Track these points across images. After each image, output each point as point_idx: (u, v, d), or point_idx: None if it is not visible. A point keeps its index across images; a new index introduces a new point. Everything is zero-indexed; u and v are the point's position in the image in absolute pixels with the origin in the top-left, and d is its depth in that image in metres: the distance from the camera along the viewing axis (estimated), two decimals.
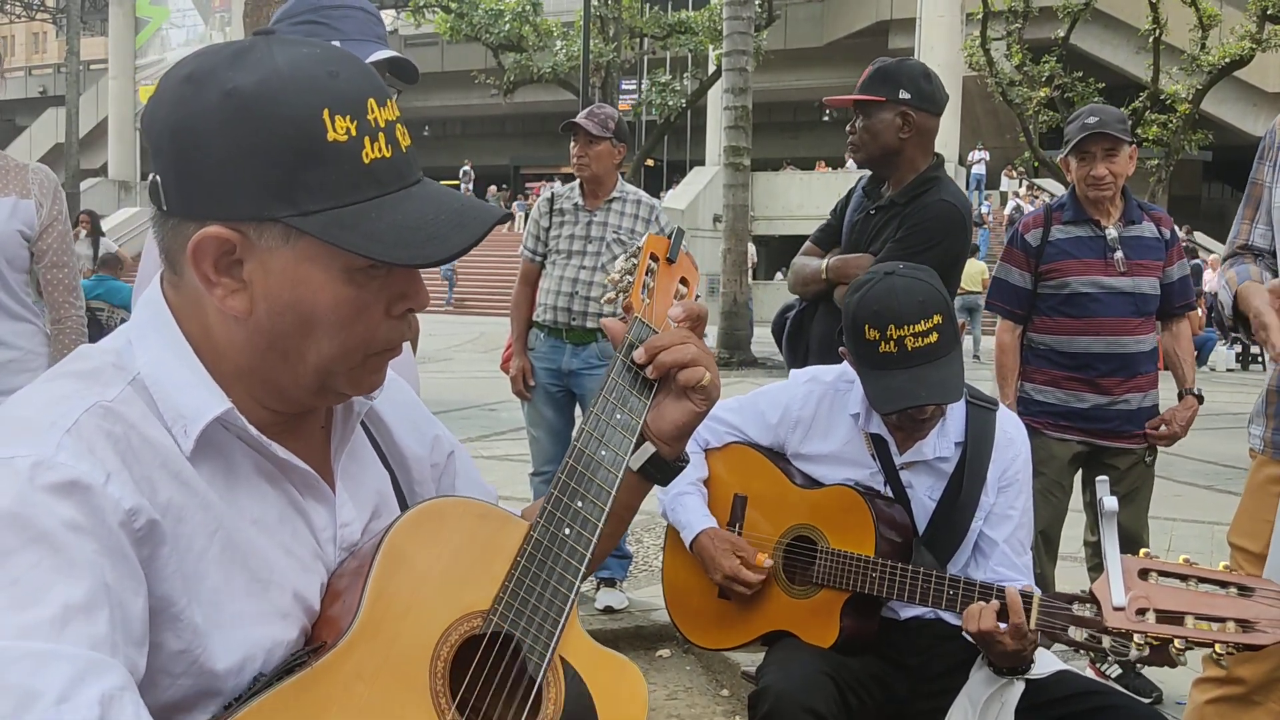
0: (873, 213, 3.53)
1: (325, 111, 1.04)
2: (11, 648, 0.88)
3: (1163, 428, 3.94)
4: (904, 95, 3.40)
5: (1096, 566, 4.12)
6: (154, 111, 1.08)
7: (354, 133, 1.05)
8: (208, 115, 1.03)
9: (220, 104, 1.03)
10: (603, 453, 1.30)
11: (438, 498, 1.23)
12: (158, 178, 1.07)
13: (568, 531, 1.24)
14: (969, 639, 2.26)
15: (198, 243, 1.04)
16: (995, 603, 2.17)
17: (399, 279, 1.11)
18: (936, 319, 2.35)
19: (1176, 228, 4.14)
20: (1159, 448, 4.05)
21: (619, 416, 1.33)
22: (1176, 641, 1.85)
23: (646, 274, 1.46)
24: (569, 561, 1.22)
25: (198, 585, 1.04)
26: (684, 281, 1.52)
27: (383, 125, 1.08)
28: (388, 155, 1.08)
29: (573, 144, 4.64)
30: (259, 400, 1.13)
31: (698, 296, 1.54)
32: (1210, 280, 20.10)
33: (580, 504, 1.26)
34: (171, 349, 1.10)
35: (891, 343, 2.34)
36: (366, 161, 1.06)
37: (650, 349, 1.33)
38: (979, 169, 32.36)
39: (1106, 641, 1.97)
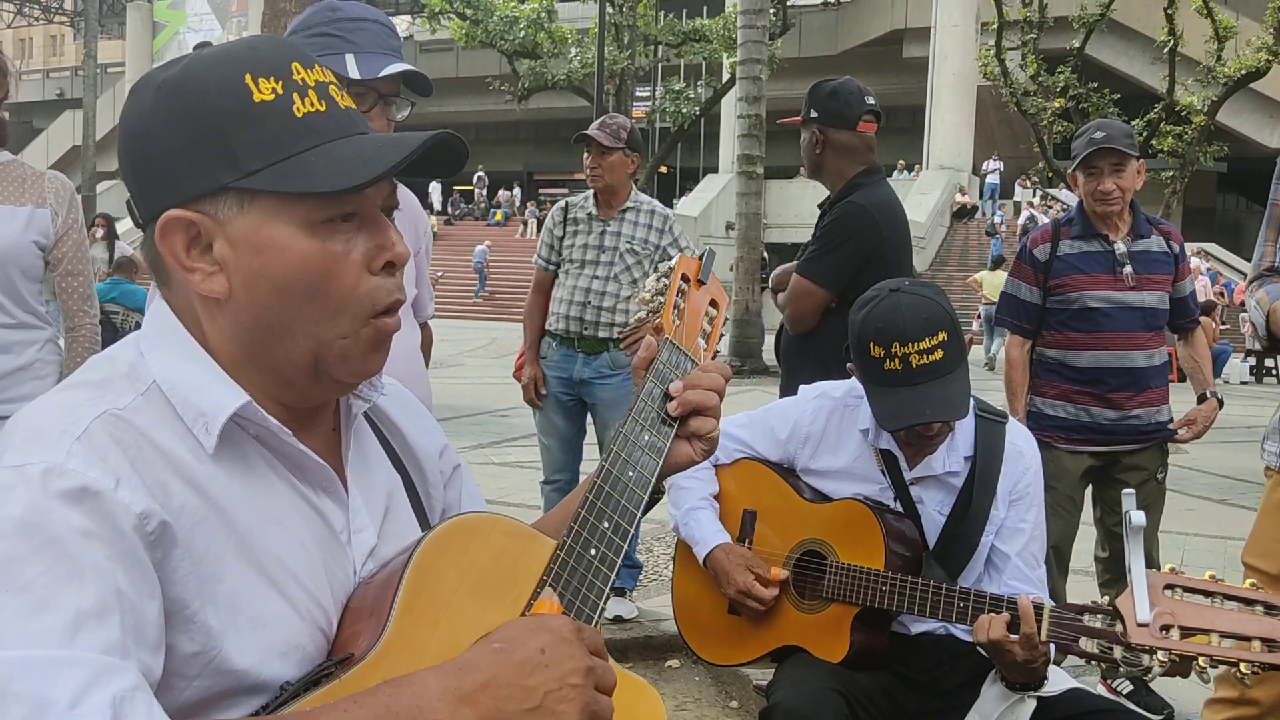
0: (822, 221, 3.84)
1: (247, 76, 1.08)
2: (24, 657, 0.89)
3: (1183, 430, 3.97)
4: (813, 115, 3.73)
5: (1108, 583, 4.11)
6: (118, 133, 1.14)
7: (280, 91, 1.09)
8: (145, 114, 1.10)
9: (154, 99, 1.10)
10: (630, 474, 1.30)
11: (467, 513, 1.23)
12: (128, 196, 1.12)
13: (594, 552, 1.23)
14: (980, 650, 2.25)
15: (161, 229, 1.08)
16: (1006, 613, 2.16)
17: (368, 230, 1.12)
18: (941, 336, 2.34)
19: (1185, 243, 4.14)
20: (1169, 463, 4.04)
21: (647, 438, 1.33)
22: (1201, 659, 1.84)
23: (677, 295, 1.46)
24: (594, 582, 1.22)
25: (213, 588, 1.05)
26: (713, 304, 1.52)
27: (312, 84, 1.11)
28: (321, 109, 1.11)
29: (586, 155, 4.65)
30: (268, 393, 1.14)
31: (726, 319, 1.54)
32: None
33: (607, 525, 1.26)
34: (183, 354, 1.12)
35: (896, 360, 2.34)
36: (299, 116, 1.09)
37: (687, 384, 1.36)
38: (993, 178, 32.34)
39: (1118, 652, 1.96)
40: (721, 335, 1.55)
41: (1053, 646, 2.12)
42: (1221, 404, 4.02)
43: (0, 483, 0.97)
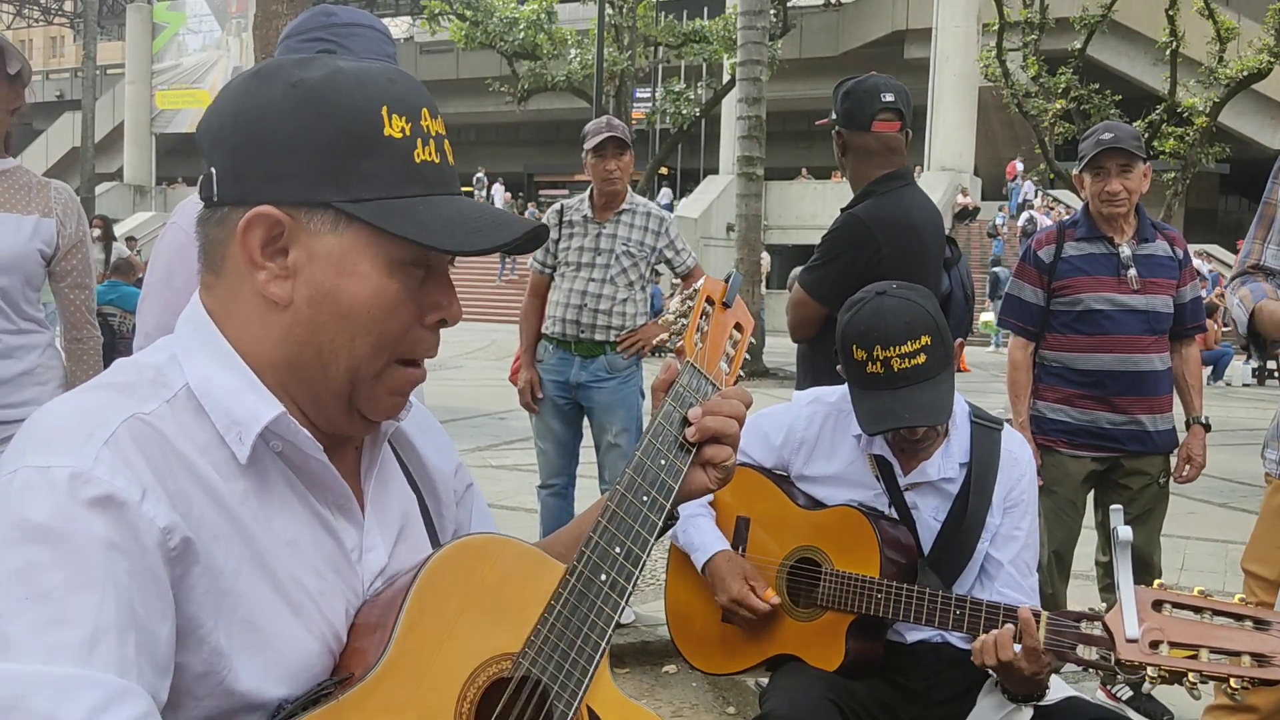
0: None
1: (384, 108, 1.09)
2: (39, 673, 0.88)
3: (1187, 469, 3.98)
4: (834, 117, 3.49)
5: (1108, 587, 4.09)
6: (216, 107, 1.12)
7: (408, 132, 1.10)
8: (273, 103, 1.08)
9: (286, 93, 1.08)
10: (644, 498, 1.27)
11: (476, 534, 1.21)
12: (212, 169, 1.11)
13: (604, 578, 1.21)
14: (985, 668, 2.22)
15: (250, 219, 1.07)
16: (1008, 629, 2.13)
17: (435, 286, 1.14)
18: (924, 340, 2.33)
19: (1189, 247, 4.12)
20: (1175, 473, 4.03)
21: (663, 462, 1.30)
22: (1191, 675, 1.82)
23: (701, 317, 1.44)
24: (603, 609, 1.19)
25: (228, 605, 1.03)
26: (738, 327, 1.50)
27: (433, 134, 1.13)
28: (436, 161, 1.12)
29: (596, 158, 4.55)
30: (301, 409, 1.13)
31: (752, 342, 1.52)
32: None
33: (619, 550, 1.23)
34: (219, 360, 1.10)
35: (878, 363, 2.34)
36: (417, 161, 1.10)
37: (707, 409, 1.33)
38: (1015, 182, 32.32)
39: (1114, 658, 1.93)
40: (747, 358, 1.52)
41: (1049, 654, 2.10)
42: (1208, 428, 4.01)
43: (24, 483, 0.95)
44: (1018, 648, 2.10)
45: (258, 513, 1.08)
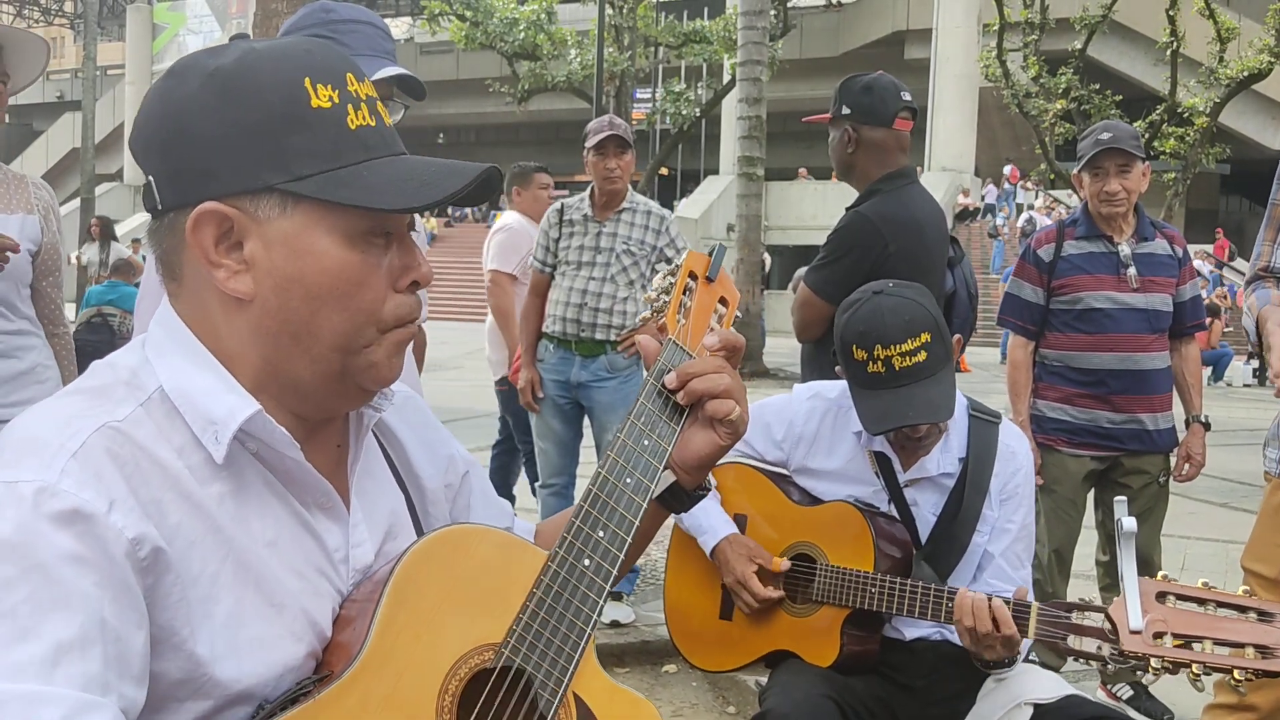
0: None
1: (307, 80, 1.06)
2: (3, 691, 0.87)
3: (1186, 468, 3.98)
4: (845, 111, 3.47)
5: (1108, 586, 4.09)
6: (141, 114, 1.10)
7: (336, 100, 1.07)
8: (192, 98, 1.05)
9: (203, 85, 1.05)
10: (628, 480, 1.25)
11: (454, 525, 1.19)
12: (150, 178, 1.08)
13: (587, 563, 1.19)
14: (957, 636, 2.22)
15: (196, 219, 1.04)
16: (998, 602, 2.13)
17: (398, 247, 1.12)
18: (925, 338, 2.33)
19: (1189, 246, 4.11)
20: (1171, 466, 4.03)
21: (646, 442, 1.28)
22: (1194, 667, 1.82)
23: (684, 293, 1.41)
24: (587, 594, 1.18)
25: (206, 611, 1.02)
26: (723, 301, 1.47)
27: (364, 97, 1.10)
28: (372, 124, 1.10)
29: (598, 156, 4.56)
30: (283, 404, 1.11)
31: (738, 316, 1.49)
32: None
33: (602, 534, 1.21)
34: (192, 360, 1.09)
35: (879, 363, 2.33)
36: (352, 128, 1.08)
37: (683, 375, 1.30)
38: (1008, 187, 32.32)
39: (1106, 650, 1.94)
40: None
41: (1044, 646, 2.10)
42: (1208, 427, 4.01)
43: None
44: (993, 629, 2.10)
45: (235, 515, 1.06)
